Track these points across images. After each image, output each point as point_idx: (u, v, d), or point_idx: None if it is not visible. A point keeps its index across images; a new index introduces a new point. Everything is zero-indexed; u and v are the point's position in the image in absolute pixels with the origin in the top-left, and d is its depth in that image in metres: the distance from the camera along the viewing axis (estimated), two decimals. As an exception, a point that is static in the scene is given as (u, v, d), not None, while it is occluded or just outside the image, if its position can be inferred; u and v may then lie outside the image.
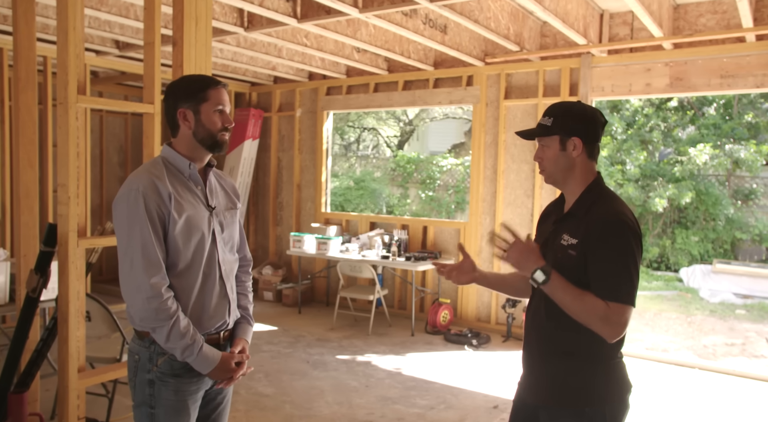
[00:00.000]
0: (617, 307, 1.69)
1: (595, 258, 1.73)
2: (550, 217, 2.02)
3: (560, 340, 1.82)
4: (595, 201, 1.82)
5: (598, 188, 1.86)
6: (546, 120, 1.85)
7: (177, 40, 2.91)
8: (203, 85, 1.93)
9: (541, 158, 1.88)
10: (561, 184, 1.89)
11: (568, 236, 1.80)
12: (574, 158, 1.84)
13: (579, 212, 1.84)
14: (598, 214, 1.78)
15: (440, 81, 6.50)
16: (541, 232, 2.02)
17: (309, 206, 7.53)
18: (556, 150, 1.84)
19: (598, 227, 1.74)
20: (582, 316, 1.73)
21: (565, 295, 1.74)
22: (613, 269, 1.71)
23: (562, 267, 1.78)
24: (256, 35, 5.22)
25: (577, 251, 1.76)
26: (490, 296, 6.18)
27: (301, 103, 7.54)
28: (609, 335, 1.71)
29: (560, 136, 1.83)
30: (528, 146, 5.95)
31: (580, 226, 1.79)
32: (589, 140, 1.84)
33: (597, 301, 1.70)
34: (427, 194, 13.92)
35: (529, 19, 5.53)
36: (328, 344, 5.61)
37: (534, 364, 1.92)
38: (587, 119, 1.84)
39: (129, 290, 1.81)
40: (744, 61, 4.88)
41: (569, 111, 1.86)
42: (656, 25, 4.61)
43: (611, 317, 1.68)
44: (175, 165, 1.95)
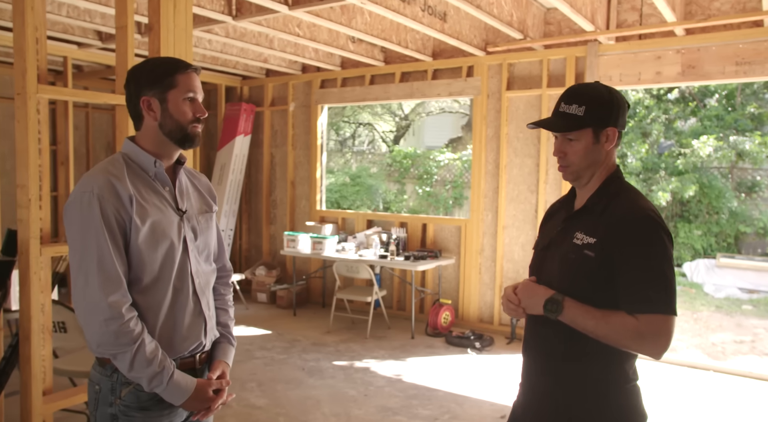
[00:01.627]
0: (650, 319, 1.43)
1: (624, 265, 1.47)
2: (556, 215, 1.76)
3: (570, 360, 1.57)
4: (615, 196, 1.57)
5: (617, 181, 1.61)
6: (575, 109, 1.57)
7: (153, 25, 2.63)
8: (170, 69, 1.65)
9: (565, 152, 1.60)
10: (585, 181, 1.63)
11: (583, 235, 1.55)
12: (607, 151, 1.59)
13: (596, 208, 1.58)
14: (620, 211, 1.52)
15: (439, 72, 6.23)
16: (546, 231, 1.76)
17: (303, 204, 7.26)
18: (589, 143, 1.57)
19: (624, 226, 1.49)
20: (612, 339, 1.47)
21: (587, 320, 1.48)
22: (646, 276, 1.45)
23: (576, 270, 1.53)
24: (245, 24, 4.93)
25: (596, 252, 1.50)
26: (493, 296, 5.93)
27: (295, 97, 7.25)
28: (652, 352, 1.45)
29: (593, 127, 1.57)
30: (531, 140, 5.69)
31: (599, 224, 1.53)
32: (620, 129, 1.59)
33: (625, 318, 1.45)
34: (424, 190, 13.65)
35: (533, 6, 5.26)
36: (325, 349, 5.35)
37: (535, 384, 1.66)
38: (619, 105, 1.58)
39: (84, 310, 1.54)
40: (762, 46, 4.62)
41: (600, 98, 1.58)
42: (669, 9, 4.34)
43: (645, 332, 1.43)
44: (138, 163, 1.67)
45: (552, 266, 1.62)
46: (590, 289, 1.51)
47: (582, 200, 1.65)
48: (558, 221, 1.70)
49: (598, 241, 1.51)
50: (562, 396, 1.58)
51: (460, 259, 6.13)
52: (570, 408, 1.56)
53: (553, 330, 1.57)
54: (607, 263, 1.49)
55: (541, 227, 1.83)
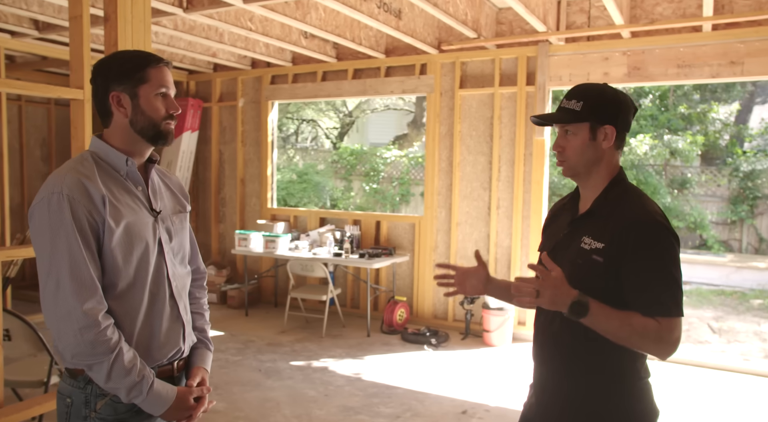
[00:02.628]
0: (668, 322, 1.46)
1: (635, 269, 1.49)
2: (560, 216, 1.78)
3: (584, 359, 1.59)
4: (621, 199, 1.59)
5: (622, 184, 1.62)
6: (573, 104, 1.59)
7: (109, 15, 2.50)
8: (141, 63, 1.57)
9: (563, 147, 1.62)
10: (582, 177, 1.64)
11: (591, 239, 1.56)
12: (604, 150, 1.60)
13: (602, 211, 1.59)
14: (628, 215, 1.54)
15: (392, 69, 6.23)
16: (551, 233, 1.78)
17: (254, 202, 7.11)
18: (585, 139, 1.59)
19: (633, 231, 1.50)
20: (633, 341, 1.49)
21: (610, 322, 1.48)
22: (658, 280, 1.48)
23: (584, 275, 1.54)
24: (196, 17, 4.77)
25: (604, 257, 1.52)
26: (447, 293, 5.98)
27: (244, 93, 7.09)
28: (664, 354, 1.48)
29: (591, 123, 1.58)
30: (484, 137, 5.78)
31: (606, 228, 1.54)
32: (621, 129, 1.60)
33: (646, 321, 1.46)
34: (371, 187, 13.66)
35: (486, 5, 5.34)
36: (280, 349, 5.26)
37: (550, 384, 1.68)
38: (621, 104, 1.60)
39: (56, 319, 1.44)
40: (700, 51, 4.85)
41: (601, 95, 1.60)
42: (618, 12, 4.50)
43: (664, 335, 1.46)
44: (109, 161, 1.58)
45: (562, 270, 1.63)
46: (599, 294, 1.50)
47: (586, 202, 1.66)
48: (563, 224, 1.71)
49: (606, 246, 1.52)
50: (575, 395, 1.60)
51: (414, 256, 6.16)
52: (584, 406, 1.58)
53: (566, 331, 1.58)
54: (615, 268, 1.50)
55: (545, 229, 1.83)
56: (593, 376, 1.58)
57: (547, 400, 1.69)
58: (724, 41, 4.75)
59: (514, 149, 5.61)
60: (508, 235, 5.69)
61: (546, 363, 1.70)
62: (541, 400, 1.71)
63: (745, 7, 4.66)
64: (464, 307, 5.69)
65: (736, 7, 4.69)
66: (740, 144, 11.88)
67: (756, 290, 8.73)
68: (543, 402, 1.71)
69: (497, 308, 5.43)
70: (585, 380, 1.59)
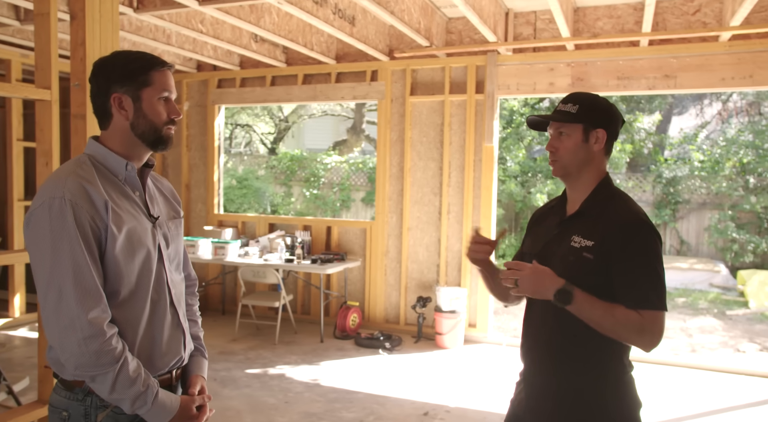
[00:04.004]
0: (651, 315, 1.57)
1: (623, 266, 1.60)
2: (546, 218, 1.87)
3: (574, 358, 1.68)
4: (609, 200, 1.70)
5: (609, 187, 1.74)
6: (569, 107, 1.70)
7: (76, 13, 2.40)
8: (145, 65, 1.54)
9: (557, 147, 1.72)
10: (573, 178, 1.75)
11: (581, 238, 1.66)
12: (594, 152, 1.71)
13: (591, 211, 1.70)
14: (617, 215, 1.65)
15: (343, 75, 6.25)
16: (538, 234, 1.87)
17: (200, 208, 6.94)
18: (578, 140, 1.69)
19: (621, 231, 1.62)
20: (616, 331, 1.59)
21: (594, 311, 1.59)
22: (643, 276, 1.59)
23: (576, 272, 1.64)
24: (146, 17, 4.64)
25: (594, 255, 1.62)
26: (398, 297, 6.06)
27: (189, 96, 6.92)
28: (647, 345, 1.59)
29: (584, 125, 1.69)
30: (435, 144, 5.89)
31: (596, 227, 1.65)
32: (611, 135, 1.72)
33: (629, 312, 1.57)
34: (311, 193, 13.58)
35: (437, 15, 5.46)
36: (234, 357, 5.16)
37: (540, 382, 1.76)
38: (613, 112, 1.72)
39: (58, 329, 1.39)
40: (638, 64, 5.16)
41: (596, 101, 1.73)
42: (566, 25, 4.72)
43: (647, 326, 1.56)
44: (107, 165, 1.54)
45: (551, 268, 1.71)
46: (590, 289, 1.60)
47: (574, 204, 1.76)
48: (551, 225, 1.79)
49: (596, 244, 1.62)
50: (566, 391, 1.68)
51: (365, 261, 6.19)
52: (575, 402, 1.67)
53: (556, 331, 1.67)
54: (604, 265, 1.61)
55: (530, 228, 1.92)
56: (582, 373, 1.67)
57: (538, 397, 1.77)
58: (659, 56, 5.08)
59: (464, 155, 5.75)
60: (458, 239, 5.82)
61: (536, 362, 1.78)
62: (531, 396, 1.79)
63: (676, 25, 5.00)
64: (417, 311, 5.77)
65: (668, 25, 5.03)
66: (662, 152, 12.65)
67: (680, 289, 9.29)
68: (533, 398, 1.78)
69: (449, 311, 5.54)
70: (574, 377, 1.68)
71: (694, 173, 11.21)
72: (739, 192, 10.47)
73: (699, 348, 6.25)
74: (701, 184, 11.07)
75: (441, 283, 5.87)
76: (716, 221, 10.50)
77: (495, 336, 5.85)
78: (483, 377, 4.73)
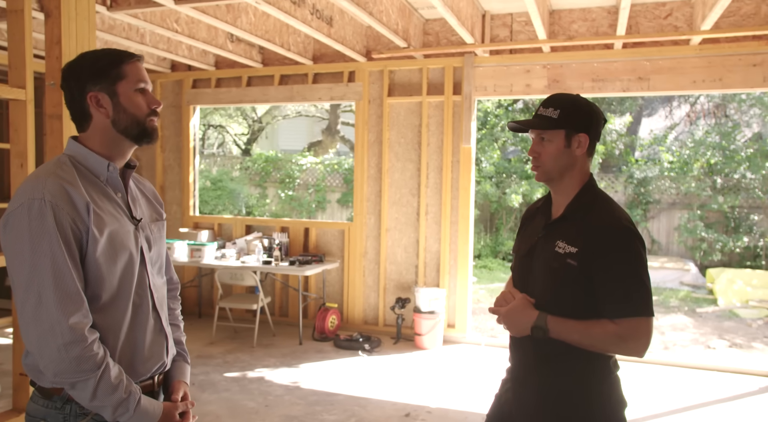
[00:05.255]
0: (630, 322, 1.58)
1: (605, 273, 1.60)
2: (534, 220, 1.88)
3: (560, 357, 1.69)
4: (592, 205, 1.70)
5: (593, 190, 1.74)
6: (551, 112, 1.69)
7: (51, 11, 2.35)
8: (115, 60, 1.50)
9: (539, 152, 1.72)
10: (556, 182, 1.75)
11: (565, 244, 1.66)
12: (577, 157, 1.71)
13: (575, 216, 1.70)
14: (599, 221, 1.65)
15: (320, 76, 6.22)
16: (526, 236, 1.88)
17: (175, 210, 6.83)
18: (560, 146, 1.69)
19: (604, 237, 1.62)
20: (597, 347, 1.62)
21: (570, 335, 1.62)
22: (625, 283, 1.59)
23: (560, 279, 1.65)
24: (119, 16, 4.55)
25: (578, 261, 1.62)
26: (377, 298, 6.05)
27: (163, 97, 6.81)
28: (635, 352, 1.60)
29: (566, 130, 1.69)
30: (413, 145, 5.90)
31: (579, 232, 1.65)
32: (593, 138, 1.72)
33: (605, 326, 1.59)
34: (286, 194, 13.50)
35: (414, 16, 5.48)
36: (212, 361, 5.09)
37: (527, 380, 1.77)
38: (594, 115, 1.71)
39: (38, 334, 1.34)
40: (612, 66, 5.24)
41: (576, 104, 1.71)
42: (543, 27, 4.77)
43: (626, 335, 1.58)
44: (88, 166, 1.50)
45: (536, 273, 1.72)
46: (574, 296, 1.63)
47: (559, 208, 1.75)
48: (538, 228, 1.80)
49: (579, 251, 1.62)
50: (552, 389, 1.70)
51: (344, 262, 6.17)
52: (557, 398, 1.69)
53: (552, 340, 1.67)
54: (588, 272, 1.61)
55: (521, 230, 1.92)
56: (568, 373, 1.69)
57: (524, 395, 1.78)
58: (633, 59, 5.17)
59: (441, 156, 5.78)
60: (436, 240, 5.84)
61: (521, 359, 1.80)
62: (517, 395, 1.80)
63: (649, 29, 5.10)
64: (396, 312, 5.77)
65: (641, 28, 5.12)
66: (633, 153, 12.87)
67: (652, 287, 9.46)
68: (520, 397, 1.79)
69: (428, 312, 5.56)
70: (560, 377, 1.70)
71: (663, 174, 11.44)
72: (707, 192, 10.71)
73: (671, 346, 6.37)
74: (671, 184, 11.30)
75: (420, 284, 5.88)
76: (686, 221, 10.73)
77: (474, 336, 5.88)
78: (463, 377, 4.74)
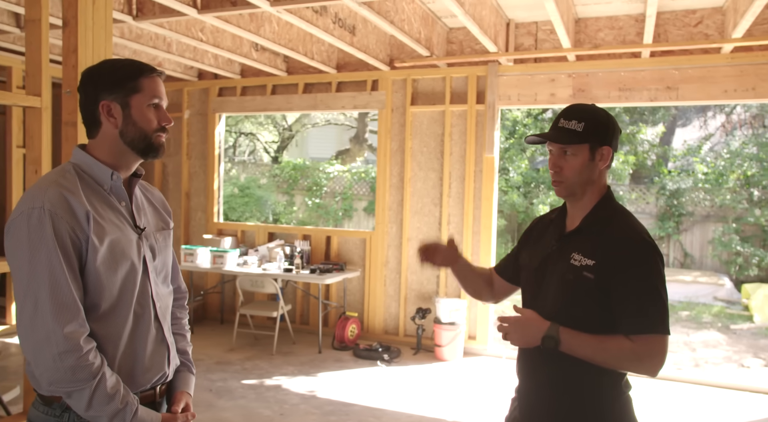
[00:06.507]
0: (647, 340, 1.51)
1: (622, 287, 1.54)
2: (546, 231, 1.81)
3: (568, 374, 1.62)
4: (610, 218, 1.63)
5: (611, 203, 1.67)
6: (574, 125, 1.62)
7: (69, 20, 2.39)
8: (134, 72, 1.51)
9: (561, 167, 1.64)
10: (578, 197, 1.68)
11: (581, 256, 1.60)
12: (600, 170, 1.65)
13: (592, 228, 1.64)
14: (619, 235, 1.59)
15: (343, 85, 6.24)
16: (536, 248, 1.80)
17: (199, 216, 6.91)
18: (585, 159, 1.63)
19: (623, 251, 1.56)
20: (611, 363, 1.54)
21: (584, 349, 1.54)
22: (643, 298, 1.53)
23: (575, 290, 1.59)
24: (144, 26, 4.64)
25: (594, 274, 1.56)
26: (398, 308, 6.01)
27: (190, 105, 6.91)
28: (650, 371, 1.53)
29: (591, 144, 1.62)
30: (435, 154, 5.86)
31: (596, 246, 1.59)
32: (614, 150, 1.66)
33: (621, 342, 1.52)
34: (314, 202, 13.57)
35: (438, 25, 5.45)
36: (230, 367, 5.11)
37: (534, 398, 1.71)
38: (614, 126, 1.66)
39: (33, 343, 1.35)
40: (639, 75, 5.12)
41: (599, 117, 1.65)
42: (567, 36, 4.69)
43: (641, 353, 1.51)
44: (92, 175, 1.51)
45: (548, 286, 1.66)
46: (589, 309, 1.56)
47: (575, 220, 1.69)
48: (551, 240, 1.73)
49: (597, 264, 1.56)
50: (559, 408, 1.63)
51: (365, 271, 6.14)
52: (567, 418, 1.62)
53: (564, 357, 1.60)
54: (605, 285, 1.55)
55: (526, 240, 1.86)
56: (577, 390, 1.62)
57: (532, 414, 1.72)
58: (661, 67, 5.04)
59: (464, 165, 5.72)
60: (458, 250, 5.76)
61: (530, 376, 1.74)
62: (525, 414, 1.74)
63: (678, 37, 4.97)
64: (416, 322, 5.71)
65: (670, 37, 5.00)
66: (665, 164, 12.59)
67: (683, 302, 9.20)
68: (528, 416, 1.73)
69: (449, 323, 5.49)
70: (569, 394, 1.63)
71: (697, 186, 11.14)
72: (743, 205, 10.39)
73: (702, 363, 6.16)
74: (705, 196, 11.00)
75: (440, 294, 5.81)
76: (720, 234, 10.42)
77: (495, 348, 5.78)
78: (482, 390, 4.66)
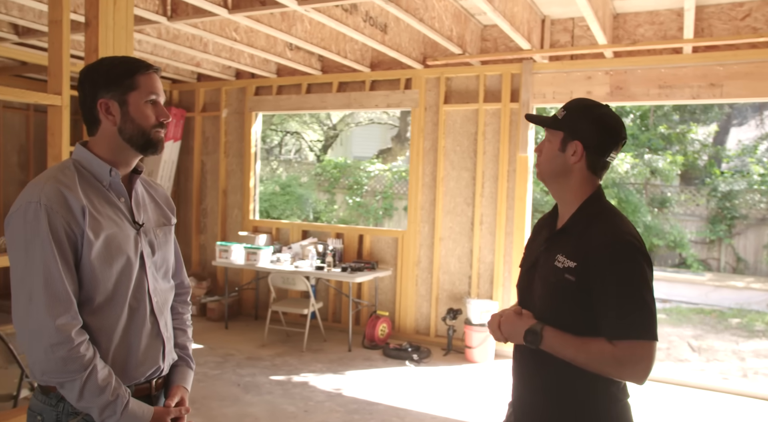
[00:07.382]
0: (629, 345, 1.43)
1: (604, 291, 1.46)
2: (542, 230, 1.76)
3: (562, 379, 1.56)
4: (594, 218, 1.56)
5: (597, 203, 1.60)
6: (560, 112, 1.61)
7: (90, 20, 2.46)
8: (130, 69, 1.54)
9: (540, 150, 1.65)
10: (552, 187, 1.66)
11: (564, 258, 1.54)
12: (571, 165, 1.59)
13: (575, 229, 1.57)
14: (600, 235, 1.51)
15: (377, 83, 6.23)
16: (531, 250, 1.76)
17: (236, 214, 7.04)
18: (555, 148, 1.60)
19: (603, 251, 1.48)
20: (593, 367, 1.48)
21: (565, 349, 1.49)
22: (625, 303, 1.45)
23: (557, 293, 1.53)
24: (180, 26, 4.74)
25: (576, 277, 1.50)
26: (429, 308, 5.96)
27: (228, 104, 7.05)
28: (633, 377, 1.45)
29: (564, 134, 1.58)
30: (468, 153, 5.79)
31: (579, 247, 1.52)
32: (593, 150, 1.57)
33: (603, 346, 1.45)
34: (354, 200, 13.63)
35: (471, 22, 5.37)
36: (260, 363, 5.18)
37: (528, 402, 1.66)
38: (602, 125, 1.57)
39: (27, 334, 1.39)
40: (681, 72, 4.92)
41: (586, 110, 1.59)
42: (602, 32, 4.55)
43: (622, 358, 1.43)
44: (91, 171, 1.54)
45: (536, 288, 1.62)
46: (573, 312, 1.50)
47: (562, 220, 1.64)
48: (541, 240, 1.69)
49: (578, 266, 1.50)
50: (552, 414, 1.58)
51: (396, 270, 6.12)
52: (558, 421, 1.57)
53: (541, 352, 1.56)
54: (587, 288, 1.48)
55: (530, 242, 1.82)
56: (571, 396, 1.56)
57: (525, 419, 1.67)
58: (704, 64, 4.83)
59: (497, 165, 5.63)
60: (491, 251, 5.68)
61: (524, 381, 1.69)
62: (519, 419, 1.69)
63: (723, 31, 4.75)
64: (447, 323, 5.65)
65: (714, 31, 4.78)
66: (718, 165, 12.09)
67: (734, 309, 8.82)
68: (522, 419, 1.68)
69: (480, 325, 5.41)
70: (562, 400, 1.57)
71: (752, 187, 10.66)
72: (801, 208, 9.87)
73: (752, 374, 5.88)
74: (761, 198, 10.51)
75: (472, 295, 5.74)
76: (775, 238, 9.93)
77: (527, 351, 5.66)
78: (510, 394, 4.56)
